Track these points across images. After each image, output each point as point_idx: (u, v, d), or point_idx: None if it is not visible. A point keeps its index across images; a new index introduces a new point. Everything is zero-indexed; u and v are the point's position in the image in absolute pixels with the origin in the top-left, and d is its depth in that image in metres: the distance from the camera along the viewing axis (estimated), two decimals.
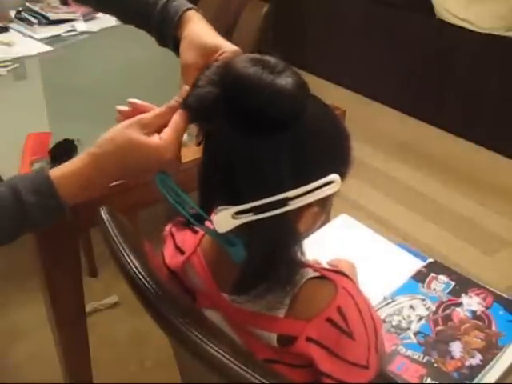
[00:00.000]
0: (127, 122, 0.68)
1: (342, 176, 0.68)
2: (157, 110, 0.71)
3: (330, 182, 0.64)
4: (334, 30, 3.65)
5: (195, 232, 0.79)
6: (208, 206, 0.66)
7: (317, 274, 0.71)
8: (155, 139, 0.68)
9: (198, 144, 0.71)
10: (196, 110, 0.66)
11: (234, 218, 0.63)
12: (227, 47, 0.84)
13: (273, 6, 2.05)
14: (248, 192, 0.63)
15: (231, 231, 0.65)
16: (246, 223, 0.64)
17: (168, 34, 0.93)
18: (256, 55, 0.64)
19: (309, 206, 0.65)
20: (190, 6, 0.94)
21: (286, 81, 0.61)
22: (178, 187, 0.69)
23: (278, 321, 0.68)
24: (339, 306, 0.67)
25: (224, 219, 0.64)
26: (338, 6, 3.60)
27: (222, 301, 0.72)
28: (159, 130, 0.69)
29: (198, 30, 0.90)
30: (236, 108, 0.61)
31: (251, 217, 0.63)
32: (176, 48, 0.93)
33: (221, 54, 0.83)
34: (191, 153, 0.78)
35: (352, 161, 0.70)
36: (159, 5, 0.95)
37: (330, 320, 0.67)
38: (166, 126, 0.69)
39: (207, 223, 0.69)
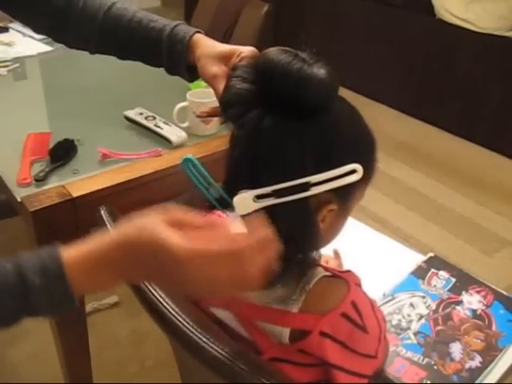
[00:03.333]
0: (165, 217, 0.58)
1: (366, 181, 0.69)
2: (201, 220, 0.60)
3: (353, 172, 0.64)
4: (334, 30, 3.65)
5: None
6: (232, 190, 0.65)
7: (328, 273, 0.72)
8: (176, 236, 0.55)
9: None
10: (232, 107, 0.66)
11: (255, 201, 0.64)
12: (243, 48, 0.89)
13: (273, 6, 2.05)
14: (270, 176, 0.63)
15: None
16: (268, 212, 0.63)
17: (179, 57, 0.96)
18: (288, 48, 0.65)
19: (328, 202, 0.66)
20: (196, 29, 0.98)
21: (317, 69, 0.62)
22: (205, 170, 0.69)
23: (291, 315, 0.68)
24: (353, 301, 0.68)
25: (245, 201, 0.64)
26: (339, 6, 3.60)
27: (234, 298, 0.72)
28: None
29: (210, 44, 0.95)
30: (267, 92, 0.63)
31: (272, 201, 0.63)
32: (188, 69, 0.96)
33: (239, 55, 0.87)
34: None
35: (376, 168, 0.71)
36: (166, 31, 0.97)
37: (345, 315, 0.67)
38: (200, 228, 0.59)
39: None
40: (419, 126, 3.19)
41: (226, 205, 0.67)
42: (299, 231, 0.66)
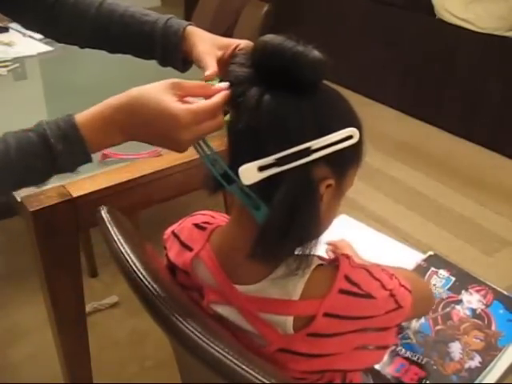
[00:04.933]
0: (165, 82, 0.70)
1: (357, 162, 0.72)
2: (195, 82, 0.72)
3: (350, 138, 0.67)
4: (334, 30, 3.65)
5: (203, 229, 0.79)
6: (236, 165, 0.67)
7: (323, 262, 0.74)
8: (179, 105, 0.68)
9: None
10: (232, 88, 0.70)
11: (259, 171, 0.65)
12: (241, 41, 0.91)
13: (273, 6, 2.05)
14: (273, 146, 0.65)
15: (257, 195, 0.67)
16: (272, 187, 0.66)
17: (173, 48, 0.97)
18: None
19: (325, 177, 0.68)
20: (189, 22, 0.99)
21: (309, 49, 0.67)
22: (210, 146, 0.72)
23: (292, 303, 0.70)
24: (346, 275, 0.70)
25: (249, 172, 0.65)
26: (338, 5, 3.60)
27: (235, 293, 0.73)
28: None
29: (207, 35, 0.96)
30: (264, 72, 0.66)
31: (275, 169, 0.65)
32: (182, 60, 0.97)
33: (236, 47, 0.90)
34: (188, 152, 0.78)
35: (364, 150, 0.73)
36: (159, 23, 0.98)
37: (342, 291, 0.69)
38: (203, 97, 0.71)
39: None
40: (419, 126, 3.19)
41: (231, 180, 0.69)
42: (303, 203, 0.67)
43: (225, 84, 0.71)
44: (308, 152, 0.65)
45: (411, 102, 3.29)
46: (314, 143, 0.65)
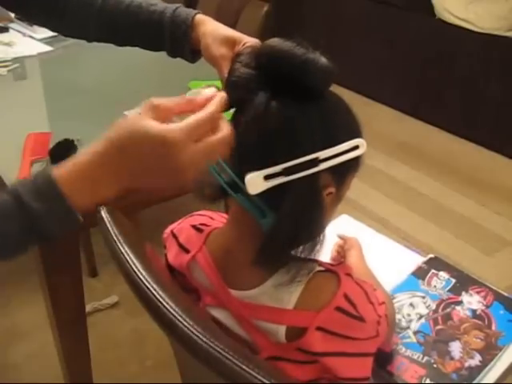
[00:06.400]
0: (141, 109, 0.60)
1: (356, 169, 0.72)
2: (178, 99, 0.64)
3: (356, 148, 0.67)
4: (334, 30, 3.65)
5: (200, 231, 0.79)
6: (243, 173, 0.66)
7: (322, 268, 0.73)
8: (162, 126, 0.58)
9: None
10: (236, 90, 0.68)
11: (265, 180, 0.65)
12: (248, 39, 0.91)
13: (273, 6, 2.05)
14: (280, 155, 0.64)
15: (264, 203, 0.66)
16: (279, 195, 0.65)
17: (183, 36, 0.96)
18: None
19: (328, 185, 0.68)
20: (197, 11, 0.98)
21: (318, 56, 0.66)
22: None
23: (287, 313, 0.69)
24: (346, 294, 0.69)
25: (256, 181, 0.65)
26: (338, 5, 3.60)
27: (230, 297, 0.73)
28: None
29: (216, 26, 0.96)
30: (272, 76, 0.65)
31: (282, 178, 0.64)
32: (191, 50, 0.96)
33: (244, 45, 0.89)
34: None
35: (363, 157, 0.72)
36: (168, 12, 0.97)
37: (339, 309, 0.68)
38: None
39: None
40: (419, 126, 3.19)
41: (237, 189, 0.68)
42: (309, 212, 0.67)
43: (211, 89, 0.67)
44: (315, 162, 0.64)
45: (411, 102, 3.29)
46: (322, 153, 0.65)
